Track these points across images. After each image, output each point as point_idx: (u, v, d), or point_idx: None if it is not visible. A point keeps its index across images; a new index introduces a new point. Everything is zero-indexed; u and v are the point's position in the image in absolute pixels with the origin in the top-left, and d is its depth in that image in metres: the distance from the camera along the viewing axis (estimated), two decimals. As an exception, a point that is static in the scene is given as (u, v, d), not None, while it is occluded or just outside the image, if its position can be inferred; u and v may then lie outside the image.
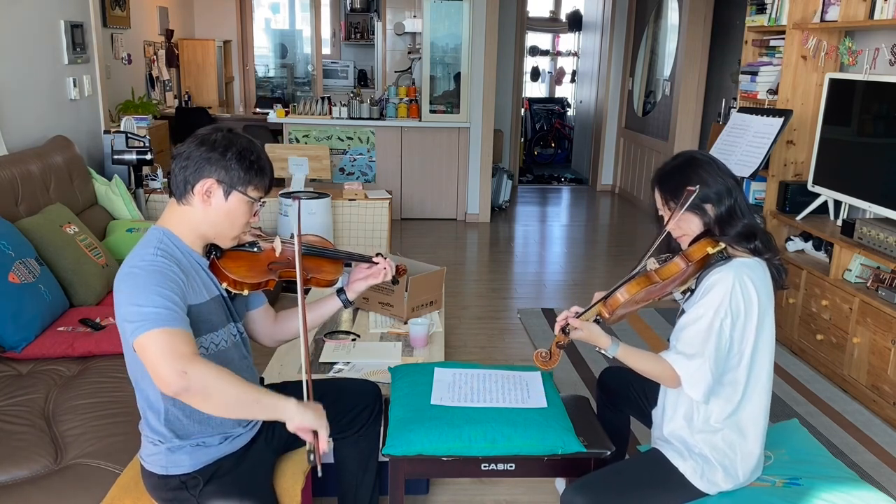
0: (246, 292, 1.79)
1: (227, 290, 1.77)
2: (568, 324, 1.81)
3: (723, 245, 1.80)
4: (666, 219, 1.85)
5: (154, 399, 1.66)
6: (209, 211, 1.67)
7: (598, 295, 2.03)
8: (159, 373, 1.48)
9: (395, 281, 2.18)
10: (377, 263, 2.04)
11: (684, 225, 1.85)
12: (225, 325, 1.76)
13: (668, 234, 1.88)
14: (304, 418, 1.58)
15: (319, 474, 1.62)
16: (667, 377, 1.80)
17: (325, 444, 1.59)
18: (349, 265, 2.10)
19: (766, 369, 1.86)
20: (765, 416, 1.88)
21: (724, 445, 1.84)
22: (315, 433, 1.59)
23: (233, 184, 1.66)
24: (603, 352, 1.84)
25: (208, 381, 1.49)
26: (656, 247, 1.86)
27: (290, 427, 1.59)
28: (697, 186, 1.79)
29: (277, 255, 1.85)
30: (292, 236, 1.84)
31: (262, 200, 1.73)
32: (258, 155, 1.70)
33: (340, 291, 2.04)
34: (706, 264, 1.83)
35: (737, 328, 1.77)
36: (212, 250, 1.76)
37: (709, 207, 1.82)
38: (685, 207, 1.78)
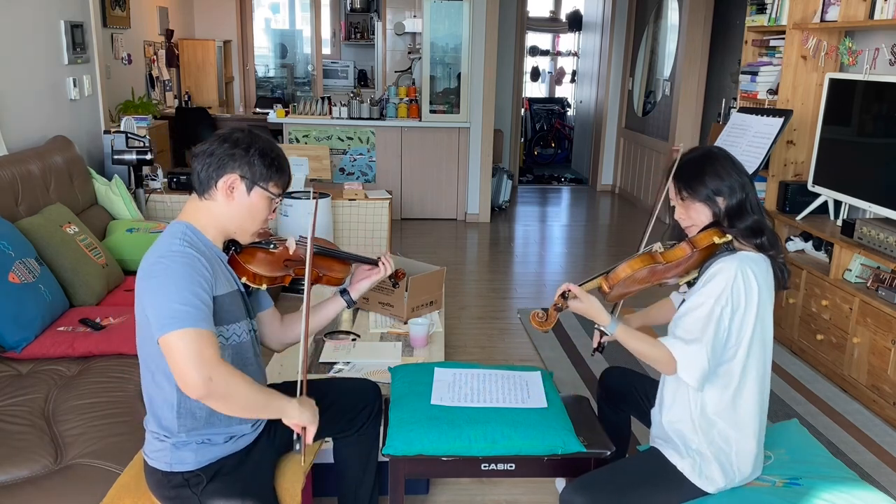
0: (264, 286, 1.85)
1: (244, 285, 1.82)
2: (569, 290, 1.82)
3: (729, 237, 1.83)
4: (677, 208, 1.89)
5: (169, 391, 1.68)
6: (232, 205, 1.73)
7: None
8: (186, 376, 1.53)
9: (394, 284, 2.23)
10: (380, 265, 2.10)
11: (694, 215, 1.87)
12: (244, 318, 1.81)
13: (678, 225, 1.92)
14: (302, 417, 1.71)
15: (303, 464, 1.86)
16: (663, 361, 1.80)
17: (310, 440, 1.74)
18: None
19: (762, 364, 1.86)
20: (761, 412, 1.88)
21: (719, 440, 1.85)
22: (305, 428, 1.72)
23: (255, 179, 1.72)
24: (602, 328, 1.85)
25: (231, 386, 1.58)
26: (667, 234, 1.91)
27: (286, 422, 1.71)
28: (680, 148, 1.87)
29: (291, 253, 1.92)
30: (301, 237, 1.93)
31: (280, 197, 1.80)
32: (278, 153, 1.78)
33: (344, 292, 2.09)
34: (711, 254, 1.85)
35: (736, 318, 1.78)
36: (230, 246, 1.81)
37: (720, 200, 1.84)
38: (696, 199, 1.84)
